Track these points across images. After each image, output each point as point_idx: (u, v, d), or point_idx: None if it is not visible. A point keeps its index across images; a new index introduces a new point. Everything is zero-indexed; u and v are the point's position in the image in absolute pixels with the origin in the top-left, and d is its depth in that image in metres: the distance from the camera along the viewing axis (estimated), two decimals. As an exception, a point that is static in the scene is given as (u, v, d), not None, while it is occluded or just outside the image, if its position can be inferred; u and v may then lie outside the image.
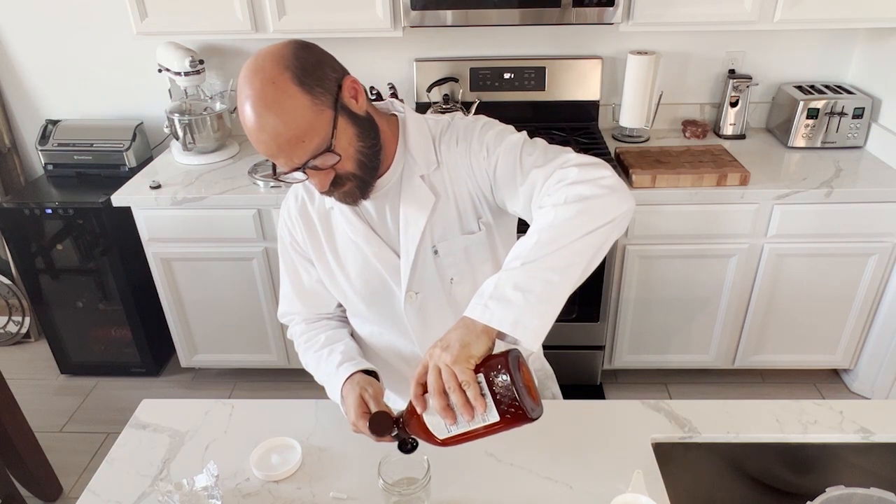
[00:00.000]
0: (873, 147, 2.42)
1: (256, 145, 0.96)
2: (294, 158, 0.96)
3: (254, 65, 0.94)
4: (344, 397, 1.12)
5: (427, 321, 1.22)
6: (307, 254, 1.23)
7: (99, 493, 1.13)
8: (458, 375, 0.85)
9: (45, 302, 2.61)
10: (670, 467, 1.16)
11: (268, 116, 0.92)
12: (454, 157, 1.11)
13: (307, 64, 0.95)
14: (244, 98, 0.94)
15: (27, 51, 2.63)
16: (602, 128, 2.65)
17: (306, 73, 0.94)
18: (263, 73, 0.93)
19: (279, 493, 1.11)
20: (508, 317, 0.86)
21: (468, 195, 1.12)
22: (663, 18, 2.18)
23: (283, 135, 0.93)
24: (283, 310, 1.33)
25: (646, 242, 2.28)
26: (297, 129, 0.93)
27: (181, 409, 1.30)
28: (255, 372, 2.73)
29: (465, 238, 1.14)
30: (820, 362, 2.54)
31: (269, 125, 0.93)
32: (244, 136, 2.73)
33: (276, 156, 0.96)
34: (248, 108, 0.93)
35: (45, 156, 2.62)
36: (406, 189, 1.11)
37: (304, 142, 0.95)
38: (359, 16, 2.20)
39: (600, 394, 2.58)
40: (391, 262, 1.16)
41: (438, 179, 1.12)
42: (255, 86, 0.93)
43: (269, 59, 0.94)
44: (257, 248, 2.35)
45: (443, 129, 1.13)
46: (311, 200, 1.19)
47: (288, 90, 0.92)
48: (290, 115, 0.93)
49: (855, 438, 1.20)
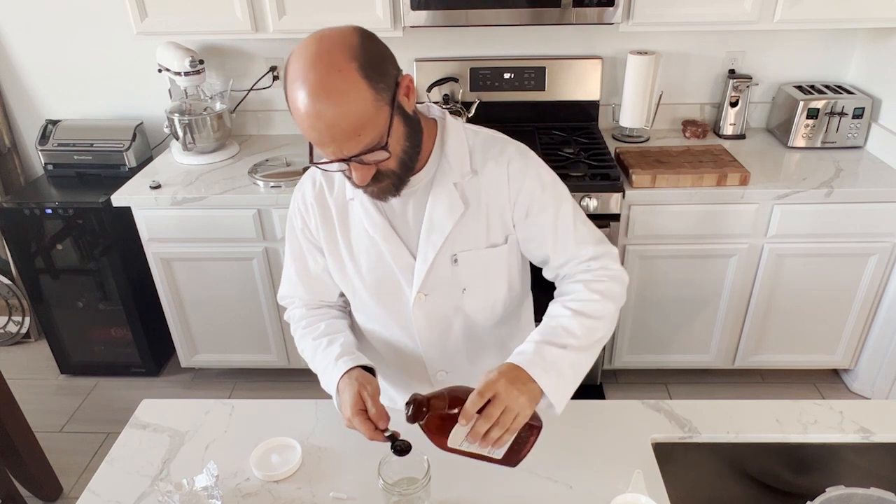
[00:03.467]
0: (873, 147, 2.42)
1: (307, 131, 0.93)
2: (345, 150, 0.94)
3: (316, 47, 0.91)
4: (340, 391, 1.11)
5: (433, 324, 1.21)
6: (318, 242, 1.21)
7: (99, 493, 1.13)
8: (515, 422, 0.96)
9: (45, 302, 2.61)
10: (670, 467, 1.16)
11: (328, 105, 0.89)
12: (498, 173, 1.11)
13: (373, 56, 0.93)
14: (301, 81, 0.90)
15: (27, 51, 2.63)
16: (602, 128, 2.65)
17: (372, 67, 0.92)
18: (329, 59, 0.90)
19: (279, 493, 1.11)
20: (560, 391, 1.04)
21: (499, 212, 1.13)
22: (663, 18, 2.18)
23: (340, 126, 0.91)
24: (283, 292, 1.30)
25: (646, 242, 2.28)
26: (357, 122, 0.91)
27: (181, 409, 1.30)
28: (255, 372, 2.73)
29: (488, 252, 1.15)
30: (820, 362, 2.54)
31: (328, 114, 0.90)
32: (244, 136, 2.75)
33: (325, 144, 0.93)
34: (306, 92, 0.89)
35: (45, 156, 2.62)
36: (437, 192, 1.11)
37: (360, 136, 0.93)
38: (359, 16, 2.20)
39: (600, 394, 2.58)
40: (406, 261, 1.15)
41: (472, 189, 1.12)
42: (319, 71, 0.89)
43: (337, 45, 0.91)
44: (257, 247, 2.35)
45: (487, 142, 1.14)
46: (329, 189, 1.17)
47: (353, 81, 0.90)
48: (351, 107, 0.90)
49: (855, 438, 1.20)
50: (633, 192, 2.18)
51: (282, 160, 2.44)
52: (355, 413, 1.05)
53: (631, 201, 2.20)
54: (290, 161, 2.43)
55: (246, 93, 2.65)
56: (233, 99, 2.63)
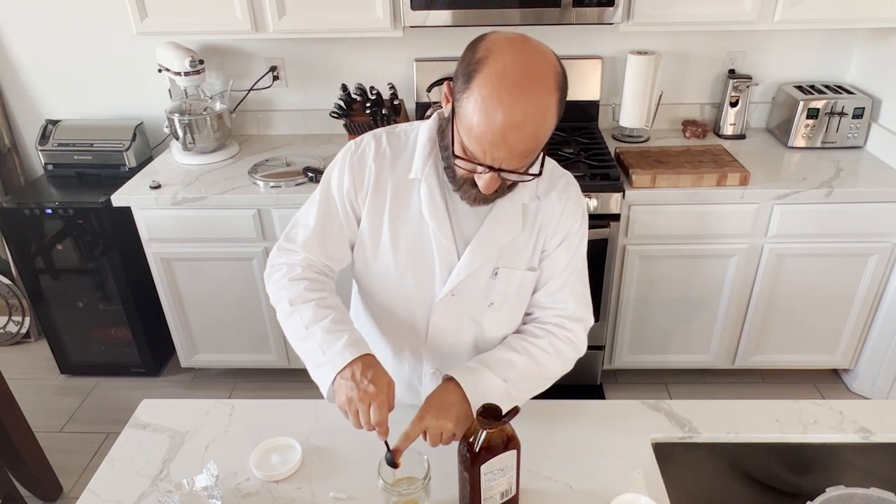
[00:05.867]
0: (873, 147, 2.42)
1: (489, 133, 0.93)
2: (506, 163, 0.96)
3: (533, 62, 0.93)
4: (365, 367, 1.05)
5: (448, 326, 1.21)
6: (358, 207, 1.17)
7: (99, 493, 1.13)
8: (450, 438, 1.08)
9: (45, 302, 2.61)
10: (670, 467, 1.17)
11: (531, 123, 0.92)
12: (558, 205, 1.16)
13: (566, 91, 0.97)
14: (512, 88, 0.91)
15: (27, 51, 2.63)
16: (602, 128, 2.65)
17: (563, 101, 0.97)
18: (544, 80, 0.93)
19: (279, 493, 1.11)
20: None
21: (544, 239, 1.17)
22: (663, 18, 2.18)
23: (527, 144, 0.95)
24: (297, 237, 1.20)
25: (646, 242, 2.28)
26: (538, 145, 0.97)
27: (181, 409, 1.30)
28: (255, 372, 2.73)
29: (525, 274, 1.18)
30: (820, 362, 2.54)
31: (526, 130, 0.92)
32: (244, 136, 2.75)
33: (499, 150, 0.94)
34: (514, 103, 0.91)
35: (45, 156, 2.62)
36: (503, 207, 1.13)
37: (529, 157, 0.98)
38: (359, 16, 2.20)
39: (600, 394, 2.58)
40: (449, 258, 1.15)
41: (532, 212, 1.16)
42: (537, 87, 0.92)
43: (550, 69, 0.94)
44: (257, 248, 2.35)
45: (555, 172, 1.18)
46: (394, 160, 1.15)
47: (553, 109, 0.95)
48: (544, 132, 0.95)
49: (855, 438, 1.20)
50: (633, 192, 2.18)
51: (282, 160, 2.44)
52: (384, 395, 1.02)
53: (631, 201, 2.20)
54: (290, 161, 2.42)
55: (246, 93, 2.65)
56: (233, 99, 2.63)
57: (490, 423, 0.96)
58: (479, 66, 0.93)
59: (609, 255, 2.26)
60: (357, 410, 1.02)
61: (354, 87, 2.50)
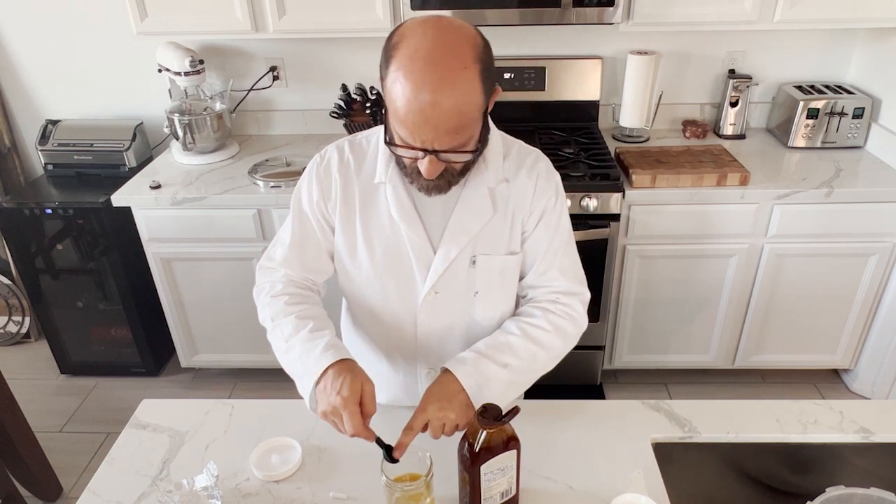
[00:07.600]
0: (873, 147, 2.42)
1: (411, 114, 0.92)
2: (437, 143, 0.96)
3: (444, 37, 0.92)
4: (334, 377, 1.04)
5: (437, 322, 1.21)
6: (330, 217, 1.18)
7: (99, 493, 1.13)
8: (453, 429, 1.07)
9: (45, 302, 2.61)
10: (670, 467, 1.17)
11: (448, 98, 0.91)
12: (527, 184, 1.15)
13: (490, 63, 0.96)
14: (425, 64, 0.90)
15: (27, 51, 2.63)
16: (602, 128, 2.65)
17: (487, 72, 0.95)
18: (459, 53, 0.92)
19: (279, 493, 1.11)
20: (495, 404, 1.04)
21: (521, 221, 1.16)
22: (663, 18, 2.18)
23: (451, 120, 0.93)
24: (274, 256, 1.22)
25: (646, 242, 2.28)
26: (464, 120, 0.94)
27: (181, 409, 1.30)
28: (255, 372, 2.73)
29: (506, 258, 1.17)
30: (820, 362, 2.54)
31: (444, 105, 0.91)
32: (244, 136, 2.75)
33: (424, 132, 0.94)
34: (427, 77, 0.90)
35: (45, 156, 2.62)
36: (469, 194, 1.12)
37: (459, 134, 0.95)
38: (359, 16, 2.20)
39: (600, 394, 2.58)
40: (425, 255, 1.15)
41: (502, 195, 1.14)
42: (448, 61, 0.91)
43: (465, 42, 0.93)
44: (257, 248, 2.35)
45: (522, 152, 1.17)
46: (358, 167, 1.16)
47: (474, 81, 0.93)
48: (466, 106, 0.93)
49: (855, 438, 1.20)
50: (633, 192, 2.18)
51: (282, 160, 2.44)
52: (353, 403, 1.01)
53: (631, 201, 2.20)
54: (290, 161, 2.42)
55: (246, 93, 2.65)
56: (233, 99, 2.63)
57: (490, 424, 0.96)
58: (393, 52, 0.94)
59: (609, 255, 2.26)
60: (334, 422, 1.03)
61: (354, 87, 2.50)
